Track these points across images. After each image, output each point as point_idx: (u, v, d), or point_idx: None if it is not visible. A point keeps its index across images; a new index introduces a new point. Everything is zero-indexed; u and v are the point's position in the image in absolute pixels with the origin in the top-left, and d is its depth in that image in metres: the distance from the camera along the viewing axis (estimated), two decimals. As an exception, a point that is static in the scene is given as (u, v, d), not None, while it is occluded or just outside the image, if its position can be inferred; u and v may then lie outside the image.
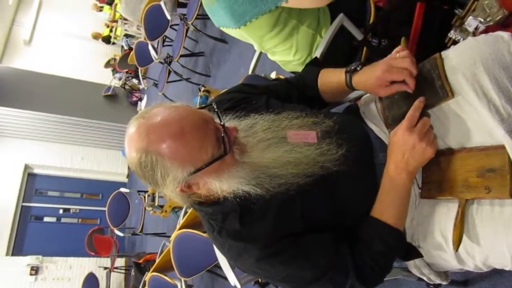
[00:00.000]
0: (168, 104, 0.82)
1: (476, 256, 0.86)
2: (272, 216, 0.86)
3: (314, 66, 1.20)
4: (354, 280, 0.85)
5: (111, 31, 9.36)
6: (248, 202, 0.84)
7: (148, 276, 3.03)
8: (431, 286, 1.41)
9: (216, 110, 0.83)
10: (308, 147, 0.91)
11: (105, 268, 6.57)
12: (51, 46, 9.32)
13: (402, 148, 0.90)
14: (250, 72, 1.96)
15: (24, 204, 8.07)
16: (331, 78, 1.09)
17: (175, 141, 0.76)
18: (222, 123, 0.81)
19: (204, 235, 2.40)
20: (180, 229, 2.71)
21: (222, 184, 0.83)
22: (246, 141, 0.87)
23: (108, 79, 9.00)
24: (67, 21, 9.79)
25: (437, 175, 0.92)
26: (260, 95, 1.06)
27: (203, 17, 4.21)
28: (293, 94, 1.13)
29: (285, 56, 1.60)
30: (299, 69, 1.58)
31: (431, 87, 0.90)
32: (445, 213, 0.90)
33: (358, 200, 0.96)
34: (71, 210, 8.58)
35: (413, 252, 0.97)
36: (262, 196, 0.83)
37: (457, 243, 0.85)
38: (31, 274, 7.15)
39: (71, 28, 9.74)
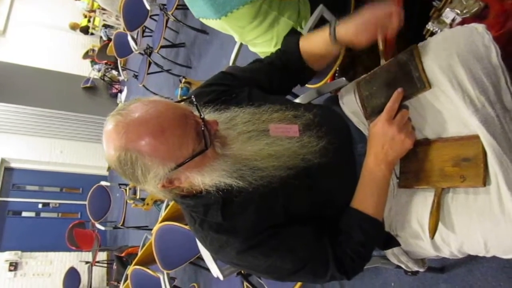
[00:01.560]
0: (146, 99, 0.81)
1: (451, 243, 0.88)
2: (254, 209, 0.87)
3: (293, 36, 1.17)
4: (335, 270, 0.87)
5: (89, 21, 9.14)
6: (230, 194, 0.84)
7: (130, 269, 3.01)
8: (409, 273, 1.45)
9: (196, 103, 0.82)
10: (289, 140, 0.91)
11: (87, 262, 6.50)
12: (27, 36, 9.03)
13: (382, 140, 0.92)
14: (231, 64, 1.95)
15: (1, 199, 7.89)
16: (313, 39, 1.08)
17: (154, 138, 0.75)
18: (202, 117, 0.81)
19: (186, 227, 2.39)
20: (162, 222, 2.70)
21: (204, 178, 0.82)
22: (226, 133, 0.87)
23: (87, 70, 8.81)
24: (44, 11, 9.51)
25: (414, 165, 0.94)
26: (241, 87, 1.05)
27: (184, 7, 4.15)
28: (274, 77, 1.11)
29: (266, 47, 1.59)
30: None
31: (409, 78, 0.91)
32: (422, 202, 0.92)
33: (338, 191, 0.97)
34: (50, 205, 8.42)
35: (392, 241, 0.99)
36: (245, 189, 0.83)
37: (433, 231, 0.87)
38: (10, 270, 7.01)
39: (48, 18, 9.46)
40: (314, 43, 1.08)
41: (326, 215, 0.94)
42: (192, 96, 0.85)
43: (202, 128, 0.79)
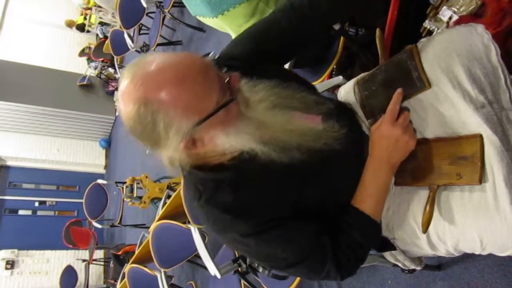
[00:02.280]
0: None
1: (447, 241, 0.89)
2: (267, 194, 0.84)
3: None
4: (332, 268, 0.86)
5: (85, 18, 9.09)
6: (246, 170, 0.82)
7: (127, 267, 3.01)
8: (406, 272, 1.45)
9: (216, 58, 0.79)
10: (311, 122, 0.89)
11: (84, 260, 6.50)
12: (22, 34, 8.99)
13: (386, 141, 0.91)
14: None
15: (-3, 197, 7.87)
16: None
17: (176, 86, 0.71)
18: (224, 70, 0.77)
19: (184, 226, 2.39)
20: (159, 220, 2.70)
21: (229, 139, 0.78)
22: (249, 95, 0.83)
23: (83, 68, 8.78)
24: (39, 8, 9.46)
25: (412, 163, 0.94)
26: (260, 60, 0.96)
27: (180, 5, 4.14)
28: (289, 28, 0.97)
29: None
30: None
31: (408, 78, 0.91)
32: (418, 201, 0.92)
33: (346, 187, 0.96)
34: (47, 203, 8.40)
35: (388, 245, 0.99)
36: (264, 165, 0.80)
37: (426, 225, 0.88)
38: (6, 268, 7.00)
39: (44, 15, 9.41)
40: None
41: (329, 212, 0.93)
42: (212, 52, 0.81)
43: (226, 80, 0.75)
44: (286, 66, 1.55)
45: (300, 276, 1.26)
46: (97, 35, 8.88)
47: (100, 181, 4.75)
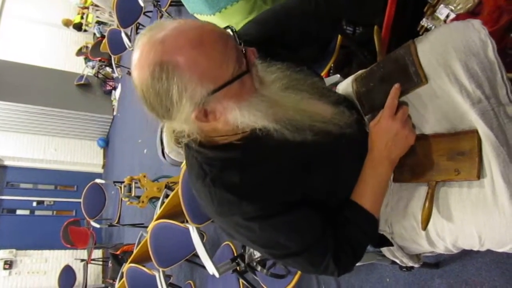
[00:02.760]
0: None
1: (446, 238, 0.89)
2: (276, 176, 0.83)
3: None
4: (331, 262, 0.86)
5: (82, 18, 9.07)
6: (257, 151, 0.81)
7: (126, 267, 3.00)
8: (404, 269, 1.45)
9: (234, 30, 0.77)
10: (324, 104, 0.90)
11: (82, 260, 6.48)
12: (19, 33, 8.97)
13: (386, 136, 0.91)
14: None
15: (-6, 197, 7.85)
16: None
17: (193, 49, 0.69)
18: (241, 42, 0.76)
19: (182, 225, 2.39)
20: (157, 219, 2.69)
21: (242, 114, 0.77)
22: (263, 74, 0.83)
23: (81, 67, 8.77)
24: (36, 7, 9.43)
25: (410, 159, 0.94)
26: (273, 46, 0.96)
27: (177, 4, 4.14)
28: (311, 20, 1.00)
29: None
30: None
31: (406, 74, 0.91)
32: (417, 197, 0.92)
33: (350, 179, 0.95)
34: (45, 203, 8.39)
35: (385, 241, 0.99)
36: (275, 145, 0.80)
37: (425, 222, 0.88)
38: (4, 269, 6.99)
39: (41, 14, 9.39)
40: None
41: (331, 204, 0.93)
42: (230, 26, 0.78)
43: (243, 51, 0.74)
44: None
45: (296, 267, 1.25)
46: (94, 34, 8.86)
47: (98, 180, 4.74)
